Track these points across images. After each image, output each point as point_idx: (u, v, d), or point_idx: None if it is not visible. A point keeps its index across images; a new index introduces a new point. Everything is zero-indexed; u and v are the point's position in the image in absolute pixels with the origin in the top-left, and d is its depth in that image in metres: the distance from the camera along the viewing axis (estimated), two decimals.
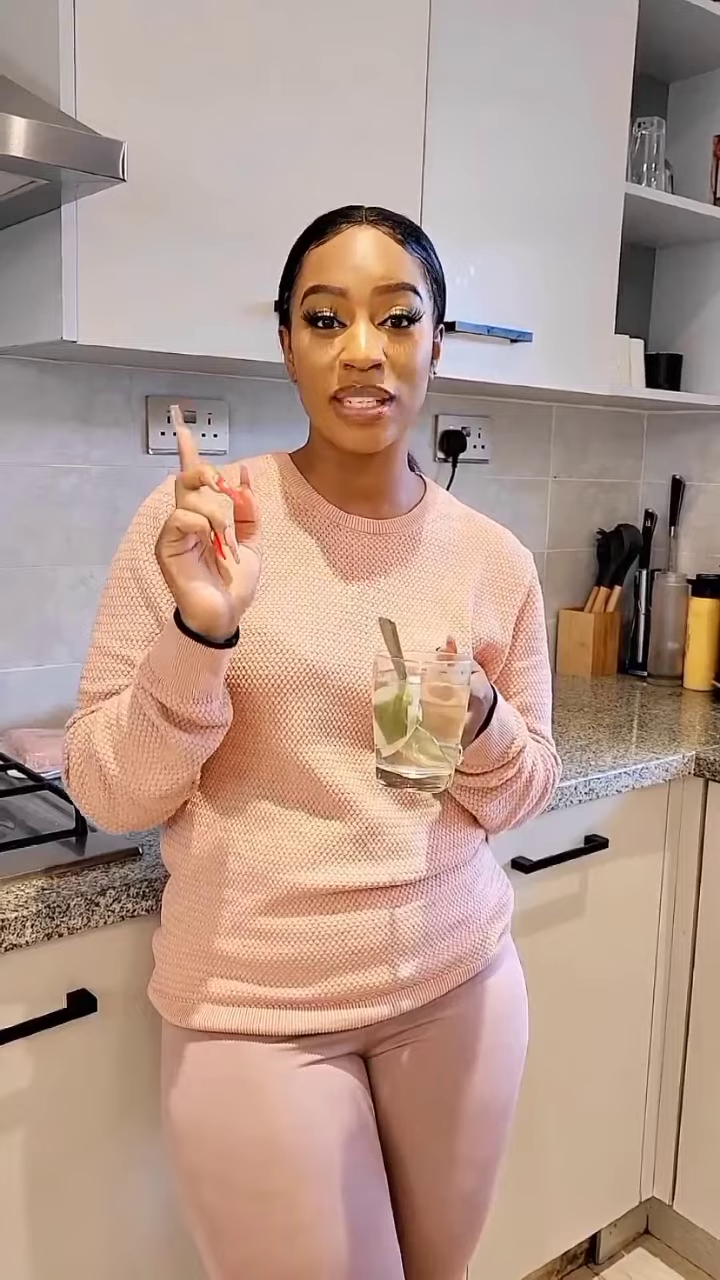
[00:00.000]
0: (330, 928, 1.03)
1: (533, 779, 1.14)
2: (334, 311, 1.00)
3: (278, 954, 1.03)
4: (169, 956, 1.09)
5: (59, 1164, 1.16)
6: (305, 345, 1.02)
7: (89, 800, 1.03)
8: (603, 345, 1.95)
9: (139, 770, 0.98)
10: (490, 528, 1.20)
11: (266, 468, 1.13)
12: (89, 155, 1.15)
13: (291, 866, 1.03)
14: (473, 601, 1.13)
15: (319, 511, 1.10)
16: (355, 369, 0.99)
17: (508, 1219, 1.65)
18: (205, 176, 1.39)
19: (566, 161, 1.81)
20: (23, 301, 1.39)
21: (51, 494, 1.64)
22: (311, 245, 1.03)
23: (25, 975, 1.11)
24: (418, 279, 1.03)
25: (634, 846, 1.75)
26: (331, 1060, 1.06)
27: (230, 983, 1.04)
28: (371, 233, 1.02)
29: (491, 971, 1.16)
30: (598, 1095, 1.78)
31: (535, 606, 1.20)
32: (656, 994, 1.85)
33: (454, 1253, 1.17)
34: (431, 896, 1.08)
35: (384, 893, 1.05)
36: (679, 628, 2.31)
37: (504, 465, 2.28)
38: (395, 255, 1.01)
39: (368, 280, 1.00)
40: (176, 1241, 1.27)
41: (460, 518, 1.19)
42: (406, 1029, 1.11)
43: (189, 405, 1.75)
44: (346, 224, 1.02)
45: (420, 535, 1.13)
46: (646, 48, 2.09)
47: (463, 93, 1.64)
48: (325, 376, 1.01)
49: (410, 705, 0.91)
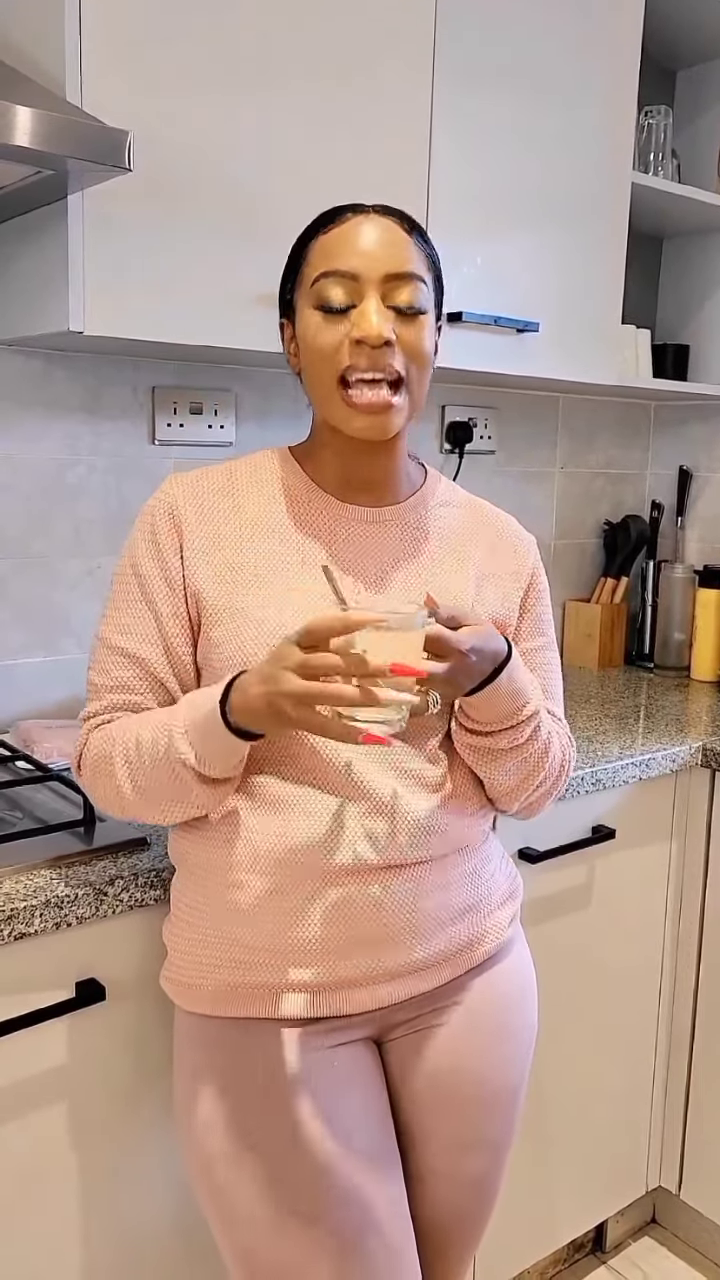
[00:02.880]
0: (343, 908, 1.03)
1: (547, 750, 1.11)
2: (346, 295, 1.01)
3: (291, 936, 1.03)
4: (180, 945, 1.10)
5: (68, 1150, 1.17)
6: (314, 328, 1.03)
7: (100, 801, 1.08)
8: (610, 335, 1.94)
9: (154, 804, 1.03)
10: (492, 513, 1.21)
11: (264, 462, 1.14)
12: (95, 145, 1.15)
13: (302, 847, 1.03)
14: (474, 588, 1.14)
15: (318, 502, 1.11)
16: (367, 345, 1.00)
17: (515, 1208, 1.66)
18: (212, 166, 1.38)
19: (573, 151, 1.81)
20: (30, 292, 1.39)
21: (59, 485, 1.64)
22: (319, 234, 1.04)
23: (34, 964, 1.11)
24: (424, 271, 1.05)
25: (641, 837, 1.75)
26: (346, 1045, 1.07)
27: (244, 968, 1.05)
28: (380, 221, 1.03)
29: (502, 957, 1.17)
30: (604, 1084, 1.79)
31: (540, 589, 1.21)
32: (663, 984, 1.85)
33: (464, 1235, 1.18)
34: (443, 879, 1.09)
35: (396, 872, 1.05)
36: (686, 619, 2.31)
37: (510, 456, 2.28)
38: (404, 245, 1.03)
39: (378, 266, 1.01)
40: (186, 1226, 1.27)
41: (462, 504, 1.19)
42: (420, 1014, 1.11)
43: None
44: (353, 214, 1.04)
45: (420, 522, 1.14)
46: (653, 36, 2.09)
47: (469, 83, 1.63)
48: (333, 357, 1.02)
49: (354, 648, 0.89)
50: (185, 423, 1.75)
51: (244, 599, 1.05)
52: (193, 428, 1.76)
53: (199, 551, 1.06)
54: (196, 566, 1.06)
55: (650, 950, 1.82)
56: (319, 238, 1.04)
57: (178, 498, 1.08)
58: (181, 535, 1.07)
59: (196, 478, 1.11)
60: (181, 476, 1.11)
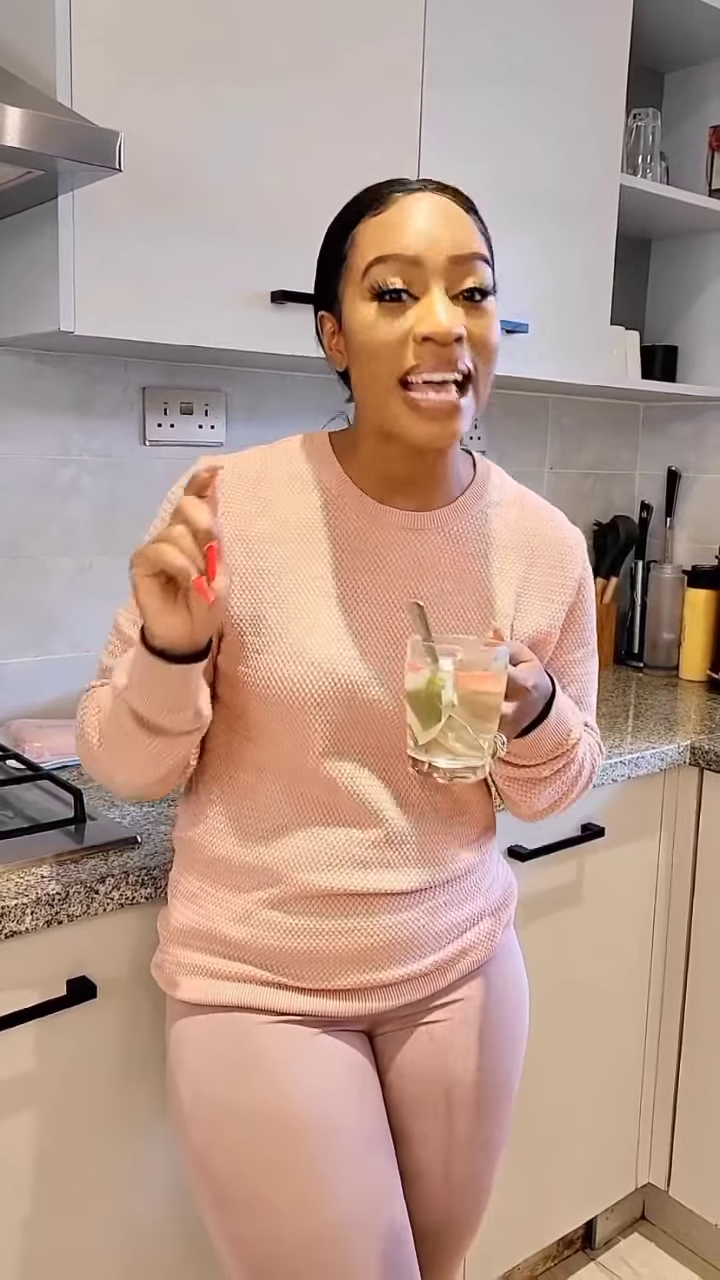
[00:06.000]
0: (341, 927, 1.03)
1: (582, 769, 1.12)
2: (406, 283, 0.91)
3: (285, 946, 1.03)
4: (173, 934, 1.09)
5: (62, 1149, 1.17)
6: (369, 321, 0.93)
7: (84, 760, 1.06)
8: (599, 336, 1.95)
9: (114, 761, 1.01)
10: (541, 513, 1.12)
11: (300, 455, 1.05)
12: (85, 146, 1.15)
13: (306, 867, 1.02)
14: (515, 598, 1.07)
15: (355, 505, 1.03)
16: (435, 343, 0.91)
17: (505, 1205, 1.67)
18: (202, 167, 1.39)
19: (562, 153, 1.82)
20: (20, 292, 1.40)
21: (50, 485, 1.65)
22: (366, 216, 0.94)
23: (26, 962, 1.12)
24: (486, 250, 0.96)
25: (630, 835, 1.76)
26: (338, 1035, 1.06)
27: (235, 964, 1.05)
28: (436, 199, 0.94)
29: (495, 961, 1.17)
30: (594, 1082, 1.79)
31: (586, 598, 1.13)
32: (652, 981, 1.86)
33: (457, 1235, 1.18)
34: (445, 898, 1.08)
35: (398, 898, 1.04)
36: (675, 619, 2.32)
37: (500, 456, 2.29)
38: (466, 224, 0.94)
39: (441, 248, 0.92)
40: (182, 1221, 1.28)
41: (511, 502, 1.10)
42: (413, 1013, 1.11)
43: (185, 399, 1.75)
44: (403, 193, 0.94)
45: (462, 529, 1.05)
46: (642, 39, 2.10)
47: (458, 82, 1.64)
48: (396, 354, 0.92)
49: (443, 690, 0.87)
50: (176, 423, 1.75)
51: (266, 609, 1.00)
52: (183, 428, 1.76)
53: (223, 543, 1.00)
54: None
55: (639, 947, 1.83)
56: (368, 219, 0.94)
57: None
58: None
59: (227, 468, 1.02)
60: (212, 461, 1.01)
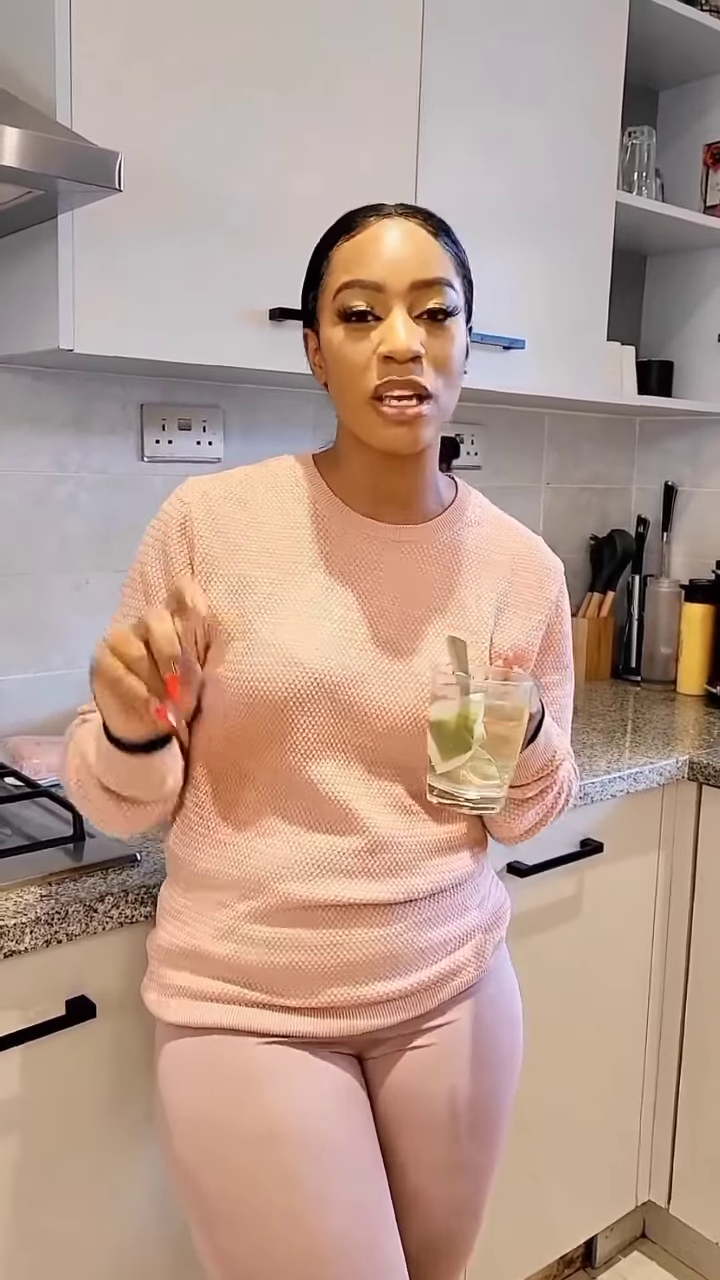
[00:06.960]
0: (324, 940, 1.02)
1: (562, 791, 1.15)
2: (369, 306, 0.97)
3: (269, 961, 1.02)
4: (160, 954, 1.09)
5: (59, 1168, 1.17)
6: (338, 342, 0.99)
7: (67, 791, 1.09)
8: (595, 352, 1.96)
9: (91, 813, 1.06)
10: (520, 536, 1.16)
11: (284, 471, 1.09)
12: (85, 166, 1.15)
13: (288, 877, 1.02)
14: (495, 612, 1.10)
15: (339, 518, 1.07)
16: (394, 361, 0.96)
17: (505, 1223, 1.66)
18: (201, 185, 1.39)
19: (558, 170, 1.83)
20: (19, 310, 1.40)
21: (47, 501, 1.65)
22: (340, 240, 1.00)
23: (24, 982, 1.11)
24: (452, 273, 1.00)
25: (629, 850, 1.76)
26: (327, 1057, 1.06)
27: (220, 984, 1.04)
28: (404, 225, 0.98)
29: (487, 981, 1.16)
30: (594, 1099, 1.79)
31: (562, 620, 1.17)
32: (652, 997, 1.85)
33: (449, 1256, 1.17)
34: (430, 913, 1.07)
35: (382, 910, 1.04)
36: (672, 633, 2.32)
37: (497, 471, 2.29)
38: (430, 248, 0.98)
39: (404, 274, 0.97)
40: (177, 1243, 1.27)
41: (491, 523, 1.15)
42: (402, 1035, 1.10)
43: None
44: (376, 218, 0.99)
45: (444, 543, 1.09)
46: (636, 57, 2.11)
47: (456, 100, 1.65)
48: (363, 373, 0.97)
49: (475, 724, 0.89)
50: (174, 439, 1.75)
51: (255, 619, 1.02)
52: (181, 444, 1.76)
53: (211, 564, 1.03)
54: (207, 580, 1.03)
55: (638, 963, 1.82)
56: (341, 245, 0.99)
57: (192, 506, 1.04)
58: (193, 547, 1.03)
59: (212, 485, 1.06)
60: (197, 482, 1.06)
